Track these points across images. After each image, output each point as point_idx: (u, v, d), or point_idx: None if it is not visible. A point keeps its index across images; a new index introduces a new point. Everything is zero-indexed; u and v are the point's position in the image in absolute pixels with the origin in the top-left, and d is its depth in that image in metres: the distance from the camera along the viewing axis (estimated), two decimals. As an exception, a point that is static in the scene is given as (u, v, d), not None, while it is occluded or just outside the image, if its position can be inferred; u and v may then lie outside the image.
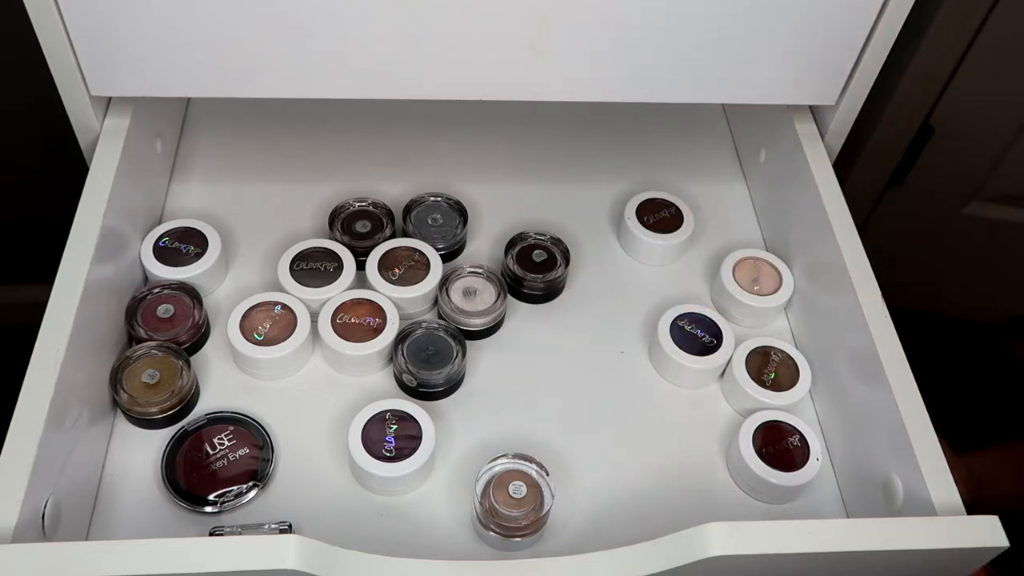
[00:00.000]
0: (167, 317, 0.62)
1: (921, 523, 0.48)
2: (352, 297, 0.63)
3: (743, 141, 0.80)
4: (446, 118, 0.80)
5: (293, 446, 0.59)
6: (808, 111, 0.71)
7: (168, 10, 0.55)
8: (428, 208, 0.71)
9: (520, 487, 0.54)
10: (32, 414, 0.49)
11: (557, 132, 0.80)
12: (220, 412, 0.59)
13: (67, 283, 0.54)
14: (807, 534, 0.46)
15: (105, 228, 0.58)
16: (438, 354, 0.62)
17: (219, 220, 0.70)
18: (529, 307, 0.68)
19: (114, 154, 0.61)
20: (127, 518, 0.55)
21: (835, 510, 0.60)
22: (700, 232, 0.73)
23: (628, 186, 0.76)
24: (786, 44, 0.61)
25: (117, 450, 0.58)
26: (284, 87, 0.60)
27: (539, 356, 0.65)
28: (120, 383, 0.58)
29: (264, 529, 0.55)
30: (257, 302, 0.63)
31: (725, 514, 0.59)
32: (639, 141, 0.81)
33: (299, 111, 0.79)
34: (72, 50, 0.57)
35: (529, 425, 0.61)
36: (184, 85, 0.60)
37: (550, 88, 0.62)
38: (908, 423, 0.53)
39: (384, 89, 0.61)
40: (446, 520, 0.57)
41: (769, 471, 0.57)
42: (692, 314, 0.65)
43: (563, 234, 0.70)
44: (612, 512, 0.58)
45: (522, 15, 0.57)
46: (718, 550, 0.45)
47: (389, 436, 0.57)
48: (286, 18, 0.56)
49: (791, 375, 0.63)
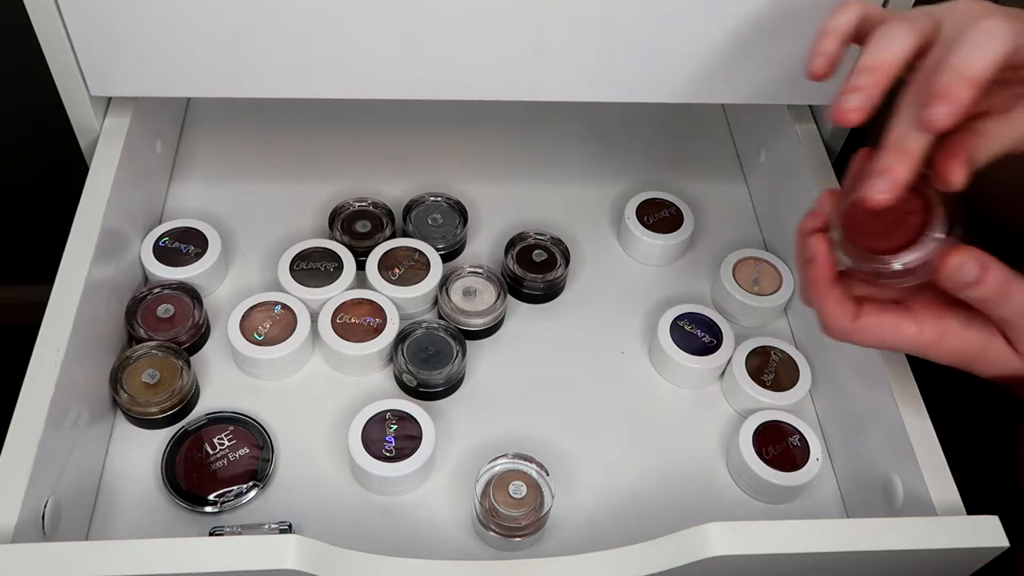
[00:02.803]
0: (167, 317, 0.62)
1: (921, 523, 0.48)
2: (352, 297, 0.63)
3: (743, 141, 0.80)
4: (446, 118, 0.80)
5: (293, 446, 0.59)
6: (808, 111, 0.71)
7: (168, 10, 0.55)
8: (428, 208, 0.71)
9: (520, 487, 0.54)
10: (32, 414, 0.49)
11: (557, 132, 0.80)
12: (220, 412, 0.59)
13: (67, 283, 0.54)
14: (807, 534, 0.46)
15: (105, 228, 0.58)
16: (438, 354, 0.62)
17: (219, 220, 0.70)
18: (529, 307, 0.68)
19: (114, 154, 0.61)
20: (127, 518, 0.55)
21: (835, 510, 0.60)
22: (700, 232, 0.73)
23: (628, 186, 0.76)
24: (786, 44, 0.61)
25: (117, 450, 0.58)
26: (284, 87, 0.60)
27: (539, 356, 0.65)
28: (120, 383, 0.58)
29: (264, 529, 0.55)
30: (257, 302, 0.63)
31: (725, 514, 0.59)
32: (639, 141, 0.81)
33: (299, 111, 0.79)
34: (72, 50, 0.57)
35: (529, 425, 0.61)
36: (184, 85, 0.60)
37: (550, 88, 0.61)
38: (908, 423, 0.53)
39: (384, 89, 0.61)
40: (446, 520, 0.57)
41: (769, 471, 0.57)
42: (692, 314, 0.65)
43: (563, 234, 0.70)
44: (612, 512, 0.58)
45: (522, 15, 0.57)
46: (718, 550, 0.45)
47: (389, 436, 0.57)
48: (286, 18, 0.56)
49: (791, 375, 0.63)
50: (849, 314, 0.47)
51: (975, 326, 0.46)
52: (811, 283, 0.48)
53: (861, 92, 0.43)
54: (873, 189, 0.43)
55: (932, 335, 0.47)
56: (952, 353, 0.47)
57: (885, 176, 0.42)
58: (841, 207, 0.47)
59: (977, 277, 0.43)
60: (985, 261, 0.44)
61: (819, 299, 0.47)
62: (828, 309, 0.47)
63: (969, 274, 0.43)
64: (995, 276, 0.43)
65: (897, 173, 0.42)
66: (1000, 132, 0.45)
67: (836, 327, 0.47)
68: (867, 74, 0.43)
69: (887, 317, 0.47)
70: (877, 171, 0.43)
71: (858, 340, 0.48)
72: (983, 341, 0.46)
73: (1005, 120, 0.45)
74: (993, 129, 0.45)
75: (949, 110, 0.40)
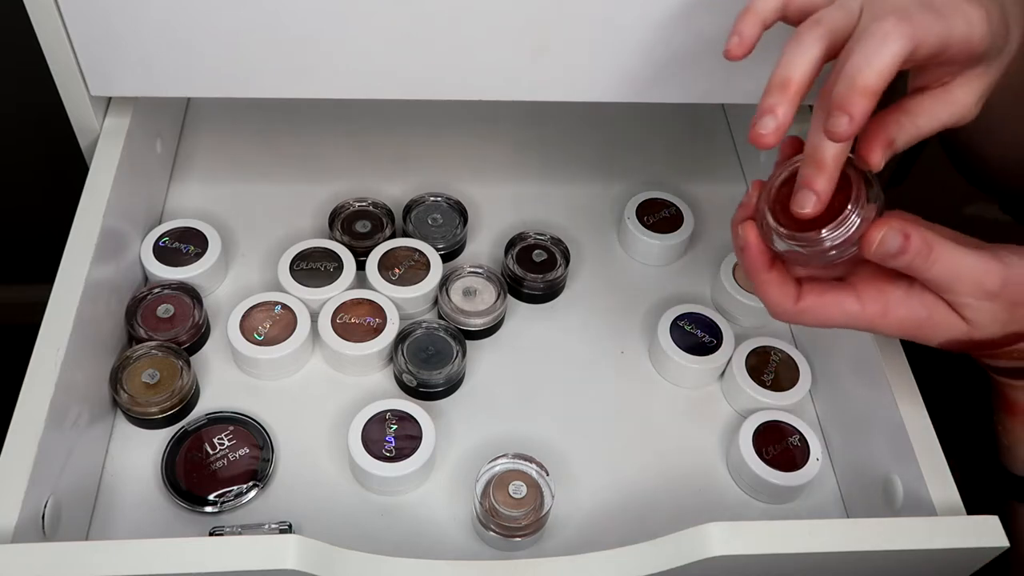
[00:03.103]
0: (167, 317, 0.62)
1: (921, 523, 0.48)
2: (352, 297, 0.63)
3: (743, 141, 0.80)
4: (446, 118, 0.80)
5: (293, 446, 0.59)
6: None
7: (168, 10, 0.55)
8: (428, 208, 0.71)
9: (520, 487, 0.54)
10: (32, 414, 0.49)
11: (557, 132, 0.80)
12: (220, 412, 0.59)
13: (67, 283, 0.54)
14: (807, 534, 0.46)
15: (105, 228, 0.58)
16: (438, 354, 0.62)
17: (219, 220, 0.70)
18: (529, 307, 0.68)
19: (114, 154, 0.61)
20: (127, 518, 0.55)
21: (835, 510, 0.60)
22: (700, 232, 0.73)
23: (628, 186, 0.76)
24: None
25: (117, 450, 0.58)
26: (284, 87, 0.60)
27: (539, 356, 0.65)
28: (120, 383, 0.58)
29: (264, 529, 0.55)
30: (257, 302, 0.63)
31: (725, 514, 0.59)
32: (639, 141, 0.81)
33: (299, 111, 0.79)
34: (72, 50, 0.57)
35: (529, 425, 0.61)
36: (184, 85, 0.60)
37: (550, 88, 0.61)
38: (908, 423, 0.53)
39: (384, 89, 0.61)
40: (446, 520, 0.57)
41: (769, 471, 0.57)
42: (692, 314, 0.65)
43: (563, 234, 0.70)
44: (612, 512, 0.58)
45: (523, 15, 0.57)
46: (718, 550, 0.45)
47: (389, 436, 0.57)
48: (286, 18, 0.56)
49: (791, 375, 0.63)
50: (791, 296, 0.48)
51: (916, 294, 0.47)
52: (748, 270, 0.48)
53: (774, 115, 0.43)
54: (800, 203, 0.44)
55: (876, 309, 0.47)
56: (899, 324, 0.48)
57: (807, 191, 0.44)
58: (768, 192, 0.48)
59: (901, 247, 0.44)
60: (907, 229, 0.44)
61: (758, 284, 0.48)
62: (769, 293, 0.48)
63: (892, 245, 0.44)
64: (917, 241, 0.44)
65: (818, 188, 0.44)
66: (933, 110, 0.46)
67: (780, 310, 0.48)
68: (779, 92, 0.44)
69: (828, 296, 0.48)
70: (801, 182, 0.44)
71: (804, 321, 0.48)
72: (926, 308, 0.47)
73: (940, 96, 0.46)
74: (926, 107, 0.46)
75: (847, 120, 0.41)
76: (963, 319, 0.47)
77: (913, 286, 0.47)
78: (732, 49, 0.47)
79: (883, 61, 0.40)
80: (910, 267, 0.45)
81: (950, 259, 0.45)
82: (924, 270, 0.45)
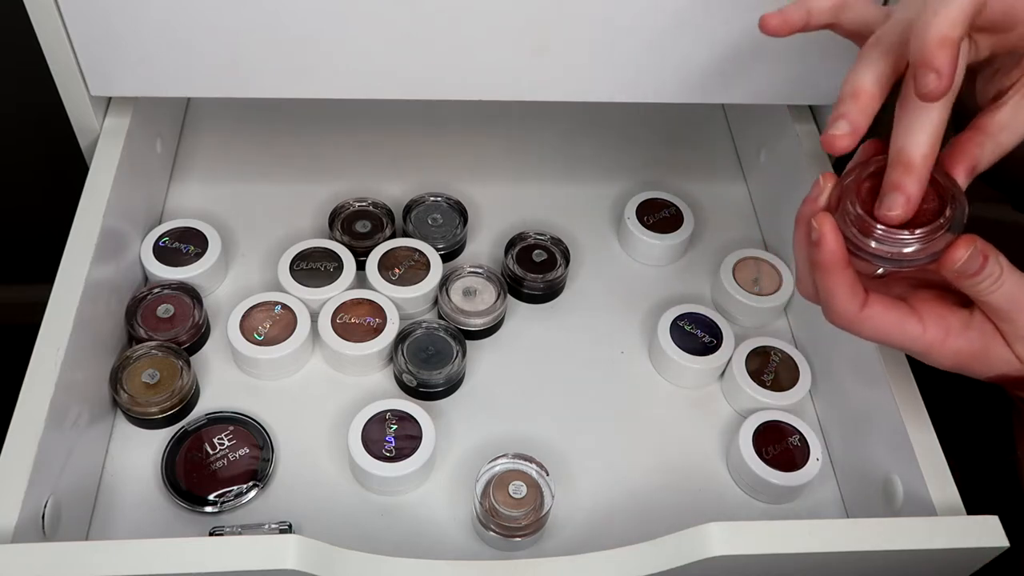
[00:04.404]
0: (167, 317, 0.62)
1: (921, 523, 0.48)
2: (352, 297, 0.63)
3: (743, 141, 0.80)
4: (446, 118, 0.80)
5: (293, 446, 0.59)
6: (808, 111, 0.71)
7: (168, 10, 0.55)
8: (428, 208, 0.71)
9: (520, 487, 0.54)
10: (32, 414, 0.49)
11: (557, 132, 0.80)
12: (220, 412, 0.59)
13: (67, 283, 0.54)
14: (807, 534, 0.46)
15: (105, 228, 0.58)
16: (438, 354, 0.62)
17: (219, 220, 0.70)
18: (529, 307, 0.68)
19: (114, 154, 0.61)
20: (127, 518, 0.55)
21: (835, 510, 0.60)
22: (700, 232, 0.73)
23: (628, 186, 0.76)
24: (786, 44, 0.60)
25: (117, 450, 0.58)
26: (284, 87, 0.60)
27: (539, 356, 0.65)
28: (120, 383, 0.58)
29: (264, 529, 0.55)
30: (257, 302, 0.63)
31: (725, 514, 0.59)
32: (639, 141, 0.81)
33: (299, 111, 0.79)
34: (72, 50, 0.57)
35: (529, 425, 0.61)
36: (184, 85, 0.60)
37: (550, 88, 0.61)
38: (908, 423, 0.53)
39: (384, 89, 0.61)
40: (446, 520, 0.57)
41: (769, 471, 0.57)
42: (692, 314, 0.65)
43: (563, 234, 0.70)
44: (612, 512, 0.58)
45: (523, 15, 0.57)
46: (718, 550, 0.45)
47: (389, 436, 0.57)
48: (286, 18, 0.56)
49: (791, 375, 0.63)
50: (859, 301, 0.45)
51: (976, 325, 0.46)
52: (820, 265, 0.45)
53: (847, 120, 0.43)
54: (889, 205, 0.43)
55: (937, 335, 0.46)
56: (955, 354, 0.46)
57: (896, 194, 0.42)
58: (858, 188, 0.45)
59: (980, 266, 0.43)
60: (986, 250, 0.43)
61: (830, 281, 0.45)
62: (837, 292, 0.45)
63: (974, 264, 0.43)
64: (992, 264, 0.43)
65: (909, 190, 0.42)
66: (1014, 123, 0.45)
67: (843, 312, 0.45)
68: (851, 100, 0.43)
69: (894, 313, 0.46)
70: (889, 185, 0.43)
71: (862, 330, 0.46)
72: (984, 340, 0.46)
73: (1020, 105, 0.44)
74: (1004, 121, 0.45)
75: (935, 76, 0.39)
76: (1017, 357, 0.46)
77: (973, 317, 0.46)
78: (770, 19, 0.46)
79: (953, 10, 0.39)
80: (978, 288, 0.44)
81: (1015, 286, 0.44)
82: (988, 292, 0.44)
